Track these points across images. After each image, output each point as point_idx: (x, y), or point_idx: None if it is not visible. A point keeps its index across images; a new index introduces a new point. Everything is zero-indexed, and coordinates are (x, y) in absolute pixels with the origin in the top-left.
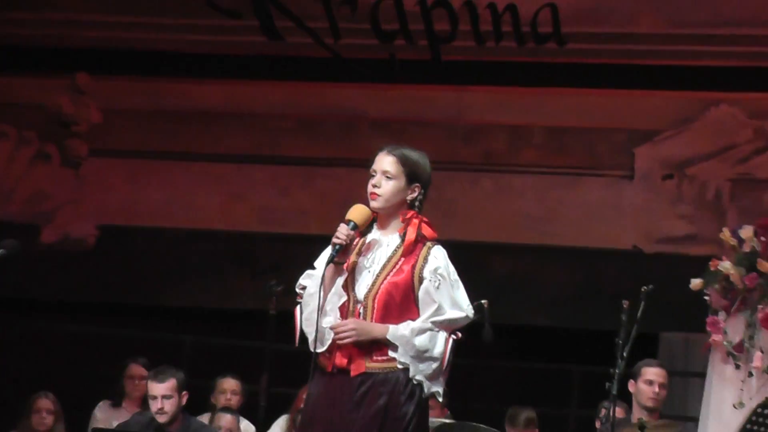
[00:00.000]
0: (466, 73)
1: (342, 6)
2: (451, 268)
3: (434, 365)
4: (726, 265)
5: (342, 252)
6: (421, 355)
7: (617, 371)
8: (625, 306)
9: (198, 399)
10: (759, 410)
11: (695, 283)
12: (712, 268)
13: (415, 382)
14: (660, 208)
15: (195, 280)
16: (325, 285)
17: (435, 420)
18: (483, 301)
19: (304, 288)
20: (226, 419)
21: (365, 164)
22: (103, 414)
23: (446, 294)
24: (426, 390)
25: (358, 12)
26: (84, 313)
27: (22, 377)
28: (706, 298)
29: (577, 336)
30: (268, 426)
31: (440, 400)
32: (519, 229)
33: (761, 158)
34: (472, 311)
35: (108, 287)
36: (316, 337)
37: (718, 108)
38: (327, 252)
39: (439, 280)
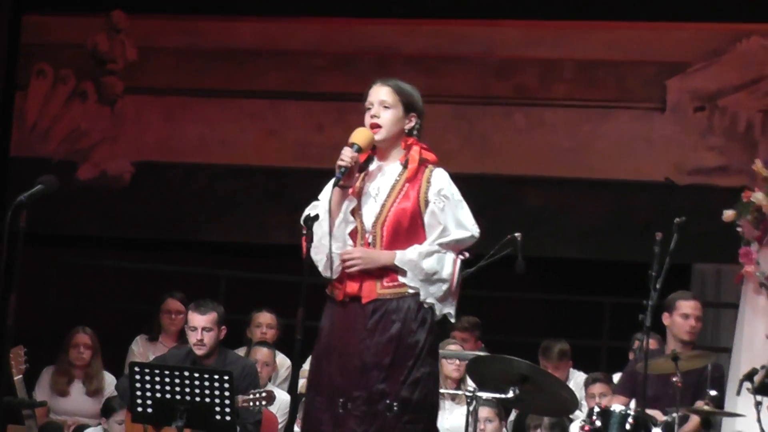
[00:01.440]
0: (498, 8)
1: None
2: (454, 189)
3: (444, 287)
4: (758, 196)
5: (347, 175)
6: (431, 278)
7: (651, 303)
8: (657, 238)
9: (234, 333)
10: None
11: (727, 214)
12: (744, 200)
13: (426, 305)
14: (691, 140)
15: (231, 215)
16: (333, 210)
17: (469, 353)
18: (516, 234)
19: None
20: (262, 353)
21: None
22: (140, 348)
23: (450, 215)
24: (438, 312)
25: None
26: (120, 248)
27: (59, 313)
28: (739, 229)
29: (609, 267)
30: (304, 360)
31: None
32: (551, 162)
33: None
34: (478, 230)
35: (144, 223)
36: (330, 264)
37: (749, 40)
38: (331, 183)
39: (444, 201)
